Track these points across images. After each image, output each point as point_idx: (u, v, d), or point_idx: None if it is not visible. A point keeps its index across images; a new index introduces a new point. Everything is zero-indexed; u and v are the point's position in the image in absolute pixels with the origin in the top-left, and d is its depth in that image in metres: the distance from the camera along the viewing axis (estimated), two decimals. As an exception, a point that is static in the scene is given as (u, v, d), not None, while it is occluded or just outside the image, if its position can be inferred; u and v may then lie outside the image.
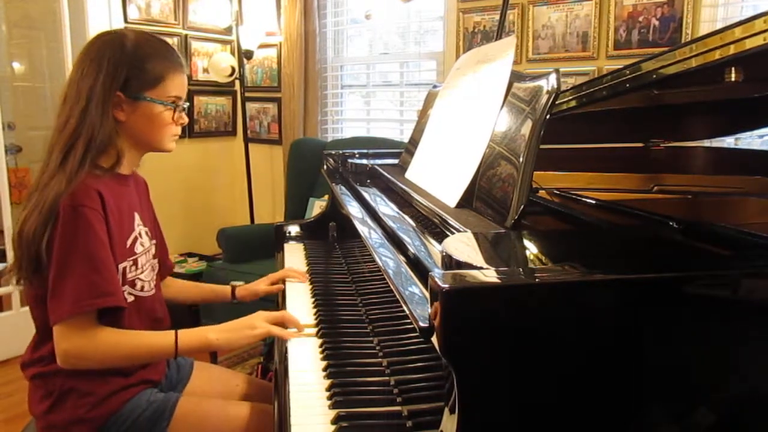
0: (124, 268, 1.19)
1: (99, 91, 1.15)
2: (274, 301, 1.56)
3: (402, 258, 0.92)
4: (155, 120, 1.21)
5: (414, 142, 1.52)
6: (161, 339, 1.16)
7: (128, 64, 1.17)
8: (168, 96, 1.21)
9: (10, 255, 1.17)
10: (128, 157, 1.24)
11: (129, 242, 1.21)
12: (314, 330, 1.25)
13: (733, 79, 0.83)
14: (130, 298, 1.20)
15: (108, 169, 1.18)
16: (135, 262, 1.22)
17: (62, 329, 1.08)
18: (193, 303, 1.61)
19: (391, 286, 0.84)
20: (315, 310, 1.37)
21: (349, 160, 1.86)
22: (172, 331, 1.16)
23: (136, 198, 1.30)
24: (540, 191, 1.29)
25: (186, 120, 1.28)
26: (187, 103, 1.27)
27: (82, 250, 1.08)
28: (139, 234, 1.26)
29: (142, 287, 1.24)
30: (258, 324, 1.20)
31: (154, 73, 1.19)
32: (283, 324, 1.23)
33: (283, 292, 1.52)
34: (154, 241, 1.34)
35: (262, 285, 1.57)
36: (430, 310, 0.65)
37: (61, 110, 1.17)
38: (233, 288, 1.57)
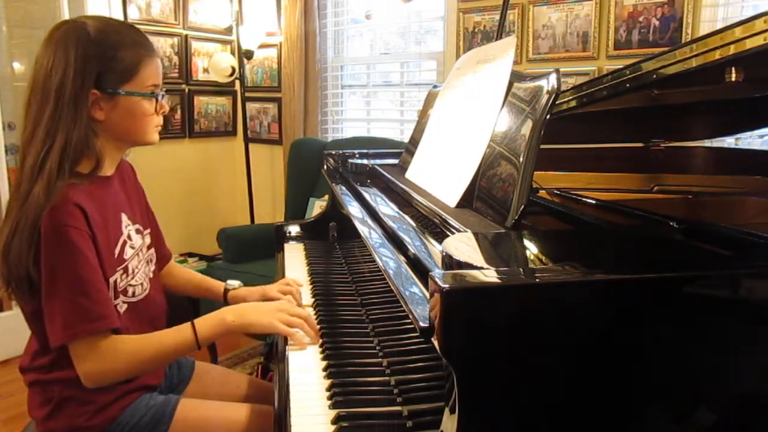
0: (115, 281, 1.15)
1: (69, 88, 1.06)
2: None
3: (402, 258, 0.92)
4: (137, 113, 1.14)
5: (414, 142, 1.52)
6: (181, 335, 1.12)
7: (97, 57, 1.08)
8: (146, 86, 1.14)
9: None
10: (109, 157, 1.18)
11: (117, 250, 1.17)
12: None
13: (733, 79, 0.83)
14: (124, 307, 1.17)
15: (87, 175, 1.11)
16: (125, 270, 1.18)
17: (79, 351, 1.06)
18: (188, 296, 1.55)
19: (392, 286, 0.84)
20: (315, 310, 1.37)
21: (350, 160, 1.86)
22: (189, 324, 1.12)
23: (122, 195, 1.25)
24: (540, 191, 1.29)
25: (167, 108, 1.21)
26: (165, 90, 1.20)
27: (68, 273, 1.03)
28: (128, 236, 1.21)
29: (134, 293, 1.21)
30: (280, 319, 1.15)
31: (127, 64, 1.12)
32: (302, 325, 1.17)
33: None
34: (147, 231, 1.30)
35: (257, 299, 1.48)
36: (430, 310, 0.65)
37: (27, 111, 1.09)
38: (225, 291, 1.49)
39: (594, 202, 1.15)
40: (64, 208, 1.04)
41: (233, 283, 1.50)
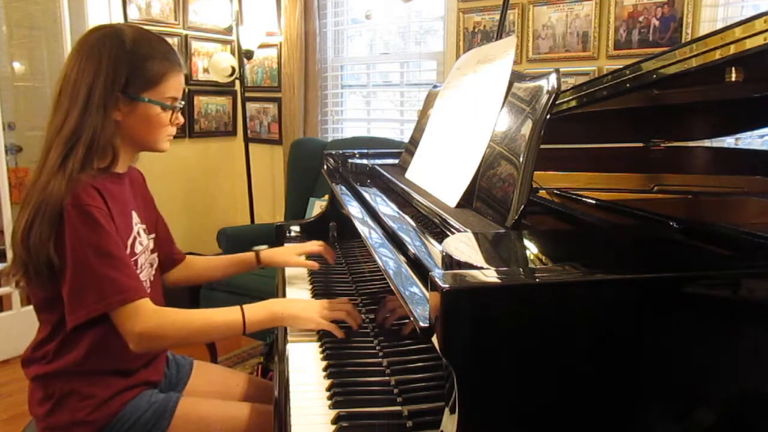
0: None
1: (100, 90, 1.12)
2: (273, 294, 1.55)
3: (402, 258, 0.92)
4: (152, 121, 1.19)
5: (414, 141, 1.52)
6: (229, 315, 1.16)
7: (128, 63, 1.15)
8: (166, 97, 1.19)
9: (10, 254, 1.16)
10: (123, 156, 1.22)
11: (129, 243, 1.20)
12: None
13: (733, 79, 0.83)
14: None
15: (103, 170, 1.16)
16: (135, 263, 1.21)
17: (125, 317, 1.08)
18: (210, 280, 1.58)
19: (392, 286, 0.84)
20: (315, 310, 1.37)
21: (350, 160, 1.86)
22: (238, 307, 1.16)
23: (131, 195, 1.28)
24: (540, 191, 1.29)
25: (182, 120, 1.27)
26: (183, 102, 1.26)
27: (96, 249, 1.07)
28: (138, 233, 1.25)
29: None
30: (322, 314, 1.18)
31: (153, 74, 1.17)
32: (345, 316, 1.19)
33: (284, 292, 1.52)
34: (152, 236, 1.33)
35: (293, 258, 1.53)
36: (430, 310, 0.65)
37: (56, 107, 1.15)
38: (257, 254, 1.55)
39: (594, 202, 1.15)
40: (84, 190, 1.09)
41: (261, 246, 1.57)
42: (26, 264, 1.09)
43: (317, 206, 3.01)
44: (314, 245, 1.57)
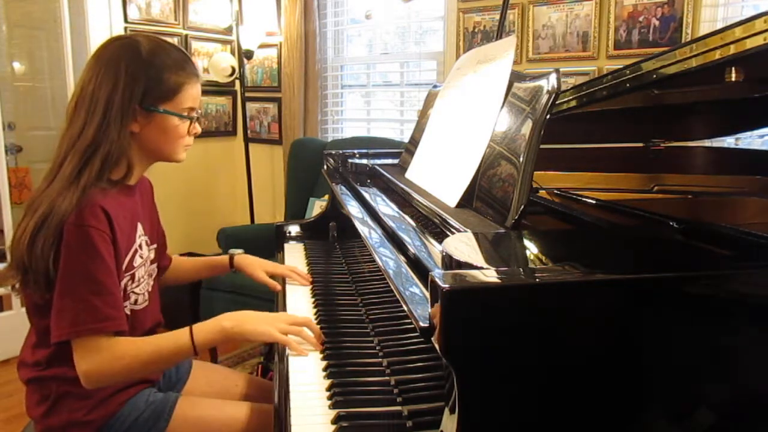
0: (124, 284, 1.17)
1: (118, 102, 1.11)
2: (273, 300, 1.55)
3: (402, 258, 0.92)
4: (170, 132, 1.18)
5: (414, 141, 1.52)
6: (178, 340, 1.12)
7: (146, 75, 1.13)
8: (183, 108, 1.18)
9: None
10: (137, 168, 1.21)
11: (129, 257, 1.19)
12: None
13: (733, 79, 0.83)
14: (126, 312, 1.18)
15: (117, 182, 1.16)
16: (132, 277, 1.20)
17: (80, 350, 1.06)
18: (191, 281, 1.57)
19: (392, 286, 0.84)
20: (315, 310, 1.37)
21: (349, 160, 1.86)
22: (186, 329, 1.13)
23: (140, 206, 1.28)
24: (540, 191, 1.29)
25: (199, 130, 1.25)
26: (200, 112, 1.24)
27: (85, 273, 1.05)
28: (140, 246, 1.24)
29: (136, 300, 1.22)
30: (278, 328, 1.14)
31: (170, 85, 1.16)
32: (302, 330, 1.17)
33: (284, 291, 1.52)
34: (153, 246, 1.33)
35: (260, 273, 1.52)
36: (430, 310, 0.65)
37: (73, 116, 1.13)
38: (231, 257, 1.54)
39: (594, 202, 1.15)
40: (90, 209, 1.07)
41: (236, 251, 1.58)
42: (26, 269, 1.08)
43: (317, 206, 3.01)
44: (285, 269, 1.55)
